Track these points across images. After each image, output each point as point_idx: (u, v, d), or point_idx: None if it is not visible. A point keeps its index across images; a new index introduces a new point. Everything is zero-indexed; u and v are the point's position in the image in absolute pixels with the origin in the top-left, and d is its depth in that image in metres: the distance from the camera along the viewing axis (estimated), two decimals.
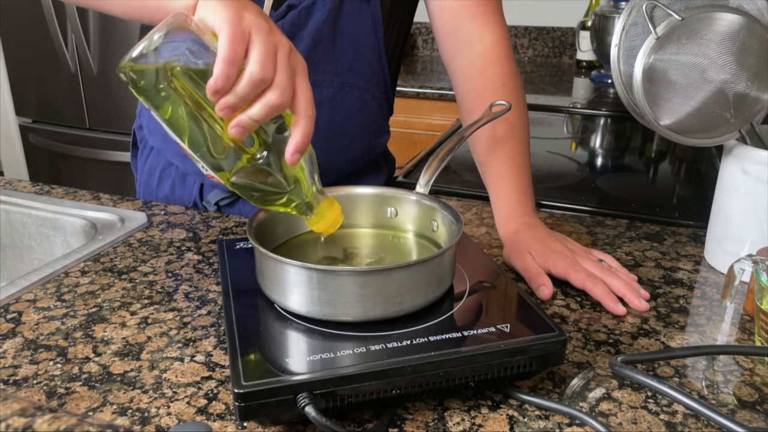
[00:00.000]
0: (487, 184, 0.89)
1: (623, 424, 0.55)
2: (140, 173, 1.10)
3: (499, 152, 0.87)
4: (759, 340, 0.65)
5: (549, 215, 1.00)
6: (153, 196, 1.07)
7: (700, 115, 0.77)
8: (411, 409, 0.57)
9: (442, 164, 0.72)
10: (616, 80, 0.80)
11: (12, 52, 2.63)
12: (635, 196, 1.18)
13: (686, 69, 0.75)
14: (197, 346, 0.65)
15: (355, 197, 0.74)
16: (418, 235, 0.72)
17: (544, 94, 2.06)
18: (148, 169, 1.07)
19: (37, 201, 1.01)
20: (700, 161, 1.38)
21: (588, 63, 2.37)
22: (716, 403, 0.58)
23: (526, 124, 0.91)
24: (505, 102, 0.79)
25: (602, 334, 0.68)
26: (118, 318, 0.70)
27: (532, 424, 0.55)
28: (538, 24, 2.54)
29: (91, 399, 0.58)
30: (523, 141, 0.89)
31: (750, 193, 0.77)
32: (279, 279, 0.60)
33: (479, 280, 0.66)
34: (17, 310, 0.72)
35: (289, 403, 0.51)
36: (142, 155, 1.10)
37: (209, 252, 0.86)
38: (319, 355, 0.54)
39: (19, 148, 2.82)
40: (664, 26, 0.74)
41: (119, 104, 2.44)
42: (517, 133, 0.88)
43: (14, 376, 0.61)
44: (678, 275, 0.81)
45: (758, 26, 0.74)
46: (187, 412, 0.56)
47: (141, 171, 1.10)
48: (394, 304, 0.58)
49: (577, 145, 1.59)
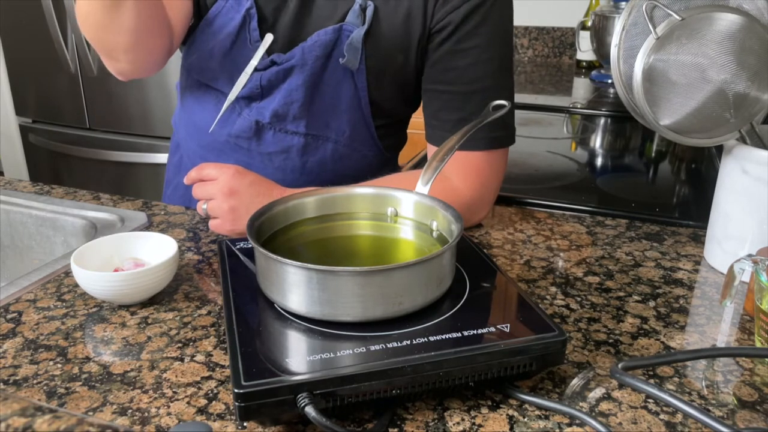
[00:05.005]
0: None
1: (623, 424, 0.55)
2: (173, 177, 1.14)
3: (410, 177, 0.85)
4: (759, 340, 0.65)
5: (549, 215, 1.00)
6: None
7: (700, 115, 0.77)
8: (411, 409, 0.57)
9: (442, 164, 0.72)
10: (616, 80, 0.80)
11: (12, 52, 2.63)
12: (635, 196, 1.18)
13: (686, 69, 0.75)
14: (197, 346, 0.65)
15: (355, 197, 0.74)
16: (418, 235, 0.72)
17: (544, 94, 2.06)
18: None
19: (37, 201, 1.01)
20: (700, 161, 1.38)
21: (588, 63, 2.37)
22: (716, 403, 0.58)
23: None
24: (505, 102, 0.79)
25: (602, 334, 0.68)
26: (118, 318, 0.70)
27: (532, 424, 0.55)
28: (538, 24, 2.53)
29: (91, 399, 0.58)
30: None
31: (750, 193, 0.77)
32: (279, 279, 0.60)
33: (479, 280, 0.66)
34: (17, 310, 0.72)
35: (289, 403, 0.51)
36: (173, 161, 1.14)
37: (209, 252, 0.86)
38: (319, 355, 0.54)
39: (19, 148, 2.82)
40: (664, 26, 0.74)
41: (119, 104, 2.44)
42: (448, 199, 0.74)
43: (14, 376, 0.61)
44: (678, 275, 0.81)
45: (758, 26, 0.74)
46: (187, 412, 0.56)
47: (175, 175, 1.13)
48: (394, 304, 0.58)
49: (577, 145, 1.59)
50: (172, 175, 1.14)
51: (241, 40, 0.89)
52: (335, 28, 0.86)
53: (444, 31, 0.86)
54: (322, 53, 0.87)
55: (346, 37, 0.86)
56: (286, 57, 0.88)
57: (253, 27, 0.88)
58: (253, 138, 0.94)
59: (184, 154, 1.08)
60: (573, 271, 0.82)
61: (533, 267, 0.83)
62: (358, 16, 0.86)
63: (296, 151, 0.95)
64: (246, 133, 0.94)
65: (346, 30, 0.86)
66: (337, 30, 0.86)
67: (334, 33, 0.86)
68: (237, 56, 0.90)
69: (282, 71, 0.88)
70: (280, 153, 0.95)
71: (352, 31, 0.86)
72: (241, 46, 0.89)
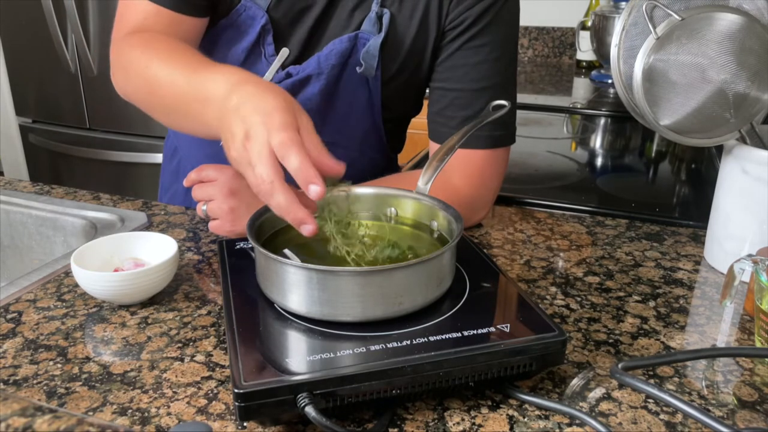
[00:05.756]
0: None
1: (623, 424, 0.55)
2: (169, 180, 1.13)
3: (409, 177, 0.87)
4: (759, 340, 0.65)
5: (549, 215, 1.00)
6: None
7: (700, 115, 0.77)
8: (411, 409, 0.57)
9: (442, 164, 0.72)
10: (616, 80, 0.80)
11: (12, 52, 2.63)
12: (635, 196, 1.18)
13: (686, 69, 0.75)
14: (197, 346, 0.65)
15: (355, 197, 0.74)
16: (418, 235, 0.72)
17: (544, 94, 2.06)
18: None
19: (37, 201, 1.01)
20: (700, 161, 1.38)
21: (588, 63, 2.37)
22: (716, 403, 0.58)
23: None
24: (505, 102, 0.79)
25: (602, 334, 0.68)
26: (118, 318, 0.70)
27: (532, 424, 0.55)
28: (538, 24, 2.54)
29: (91, 399, 0.58)
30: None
31: (750, 193, 0.77)
32: (279, 279, 0.60)
33: (479, 280, 0.66)
34: (17, 310, 0.72)
35: (289, 403, 0.51)
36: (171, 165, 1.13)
37: (209, 252, 0.86)
38: (319, 355, 0.54)
39: (19, 148, 2.82)
40: (664, 26, 0.74)
41: (119, 104, 2.41)
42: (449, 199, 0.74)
43: (14, 376, 0.61)
44: (678, 275, 0.81)
45: (758, 26, 0.74)
46: (187, 412, 0.56)
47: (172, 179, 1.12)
48: (394, 304, 0.58)
49: (577, 145, 1.59)
50: (168, 182, 1.13)
51: (256, 55, 0.89)
52: (350, 37, 0.86)
53: (456, 29, 0.86)
54: (338, 62, 0.87)
55: (362, 45, 0.86)
56: (302, 67, 0.88)
57: (269, 41, 0.87)
58: None
59: (186, 162, 1.08)
60: (573, 271, 0.82)
61: (533, 267, 0.83)
62: (374, 24, 0.86)
63: None
64: None
65: (362, 38, 0.86)
66: (352, 38, 0.86)
67: (350, 41, 0.86)
68: (251, 69, 0.89)
69: (298, 81, 0.88)
70: None
71: (368, 39, 0.86)
72: (255, 60, 0.89)
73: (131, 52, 0.81)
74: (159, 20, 0.84)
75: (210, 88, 0.67)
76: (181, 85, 0.72)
